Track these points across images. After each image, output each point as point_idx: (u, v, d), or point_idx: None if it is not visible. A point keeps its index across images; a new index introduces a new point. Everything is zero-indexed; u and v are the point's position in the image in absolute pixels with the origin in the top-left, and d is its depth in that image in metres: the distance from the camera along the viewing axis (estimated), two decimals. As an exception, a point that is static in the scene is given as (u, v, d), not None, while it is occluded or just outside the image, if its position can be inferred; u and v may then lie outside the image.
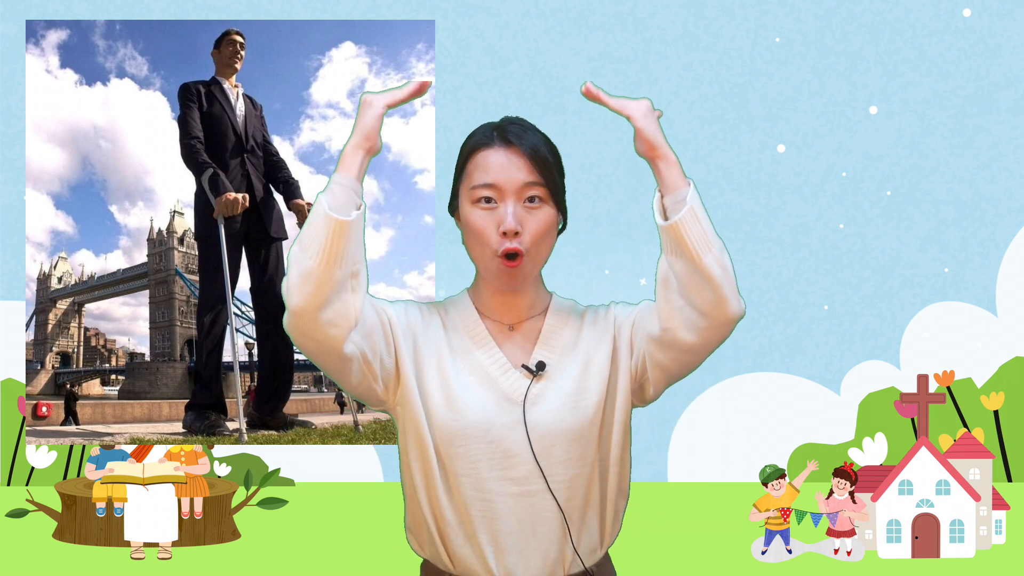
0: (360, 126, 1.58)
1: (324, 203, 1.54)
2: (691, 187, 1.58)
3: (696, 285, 1.58)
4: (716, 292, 1.57)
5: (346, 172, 1.57)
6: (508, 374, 1.68)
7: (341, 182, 1.56)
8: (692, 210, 1.56)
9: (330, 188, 1.56)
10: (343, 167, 1.57)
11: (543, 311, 1.74)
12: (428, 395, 1.66)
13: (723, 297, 1.57)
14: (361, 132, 1.58)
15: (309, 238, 1.53)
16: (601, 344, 1.71)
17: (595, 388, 1.69)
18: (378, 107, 1.59)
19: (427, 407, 1.66)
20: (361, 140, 1.58)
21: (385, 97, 1.60)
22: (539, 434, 1.65)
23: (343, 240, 1.53)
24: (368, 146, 1.59)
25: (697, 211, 1.57)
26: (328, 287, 1.53)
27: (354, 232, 1.54)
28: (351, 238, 1.54)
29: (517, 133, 1.66)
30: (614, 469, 1.71)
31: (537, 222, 1.65)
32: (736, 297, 1.59)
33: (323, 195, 1.55)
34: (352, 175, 1.57)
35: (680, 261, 1.58)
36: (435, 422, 1.66)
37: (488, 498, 1.65)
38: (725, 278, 1.57)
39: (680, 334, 1.61)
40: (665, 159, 1.59)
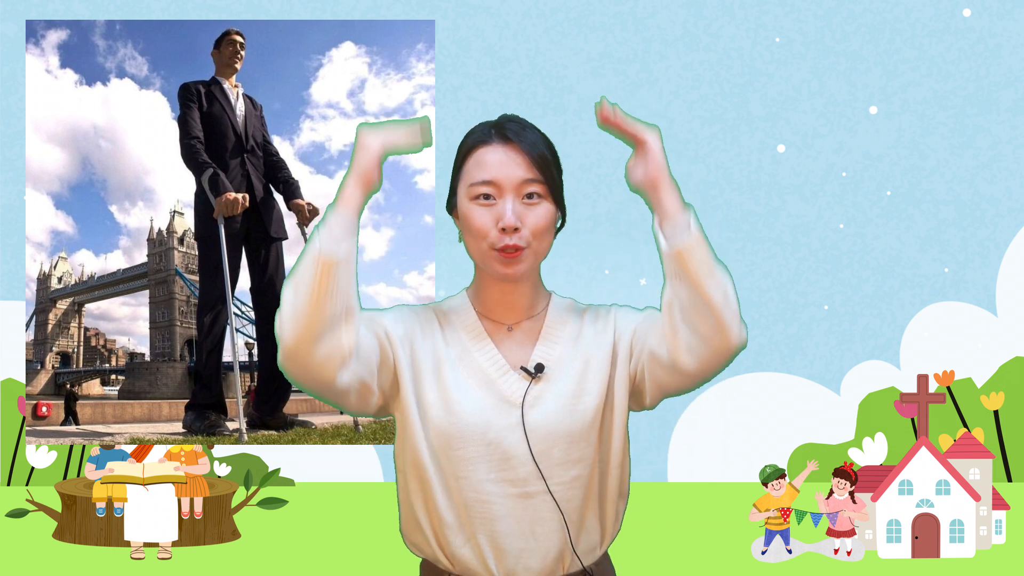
0: (356, 164, 1.56)
1: (316, 242, 1.52)
2: (693, 213, 1.59)
3: (699, 311, 1.58)
4: (717, 319, 1.57)
5: (343, 208, 1.54)
6: (506, 376, 1.67)
7: (337, 219, 1.53)
8: (697, 237, 1.57)
9: (326, 223, 1.53)
10: (340, 202, 1.55)
11: (542, 310, 1.74)
12: (426, 400, 1.66)
13: (724, 324, 1.58)
14: (358, 171, 1.56)
15: (300, 276, 1.52)
16: (601, 346, 1.71)
17: (594, 390, 1.68)
18: (374, 151, 1.56)
19: (425, 411, 1.66)
20: (358, 178, 1.56)
21: (381, 137, 1.57)
22: (538, 436, 1.64)
23: (333, 278, 1.52)
24: (366, 183, 1.56)
25: (701, 237, 1.57)
26: (319, 324, 1.52)
27: (344, 271, 1.53)
28: (342, 276, 1.53)
29: (515, 130, 1.66)
30: (614, 472, 1.71)
31: (536, 217, 1.64)
32: (738, 325, 1.59)
33: (318, 230, 1.53)
34: (349, 210, 1.54)
35: (683, 286, 1.58)
36: (433, 425, 1.65)
37: (487, 500, 1.64)
38: (727, 305, 1.58)
39: (681, 357, 1.62)
40: (669, 186, 1.59)
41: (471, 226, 1.65)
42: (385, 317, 1.68)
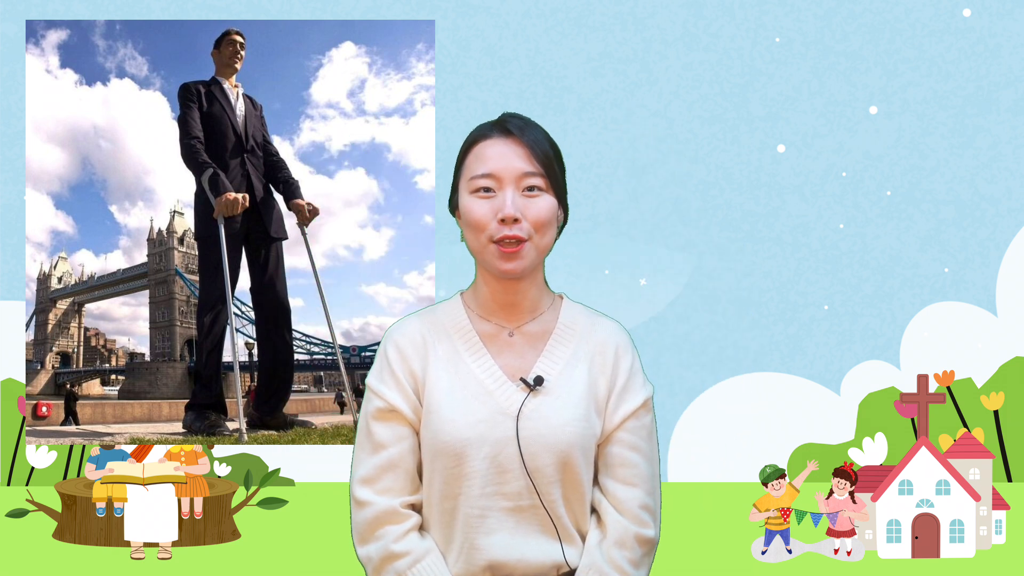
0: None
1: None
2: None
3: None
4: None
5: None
6: (504, 387, 1.65)
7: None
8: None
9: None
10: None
11: (549, 313, 1.71)
12: (427, 416, 1.66)
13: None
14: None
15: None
16: (603, 371, 1.69)
17: (593, 408, 1.67)
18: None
19: (425, 426, 1.66)
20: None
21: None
22: (532, 451, 1.62)
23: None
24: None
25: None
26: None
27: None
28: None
29: (518, 125, 1.64)
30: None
31: (538, 209, 1.61)
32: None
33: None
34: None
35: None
36: (427, 438, 1.65)
37: (482, 513, 1.63)
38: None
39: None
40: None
41: (470, 218, 1.62)
42: (393, 387, 1.69)
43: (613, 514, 1.66)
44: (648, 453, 1.70)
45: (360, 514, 1.67)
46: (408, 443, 1.66)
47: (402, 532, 1.65)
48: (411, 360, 1.66)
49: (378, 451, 1.67)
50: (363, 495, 1.67)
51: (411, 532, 1.65)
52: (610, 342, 1.71)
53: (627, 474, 1.67)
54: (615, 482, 1.67)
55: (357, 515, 1.68)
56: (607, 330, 1.72)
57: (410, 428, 1.66)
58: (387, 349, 1.69)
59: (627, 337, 1.73)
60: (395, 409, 1.66)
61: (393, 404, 1.66)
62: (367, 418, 1.69)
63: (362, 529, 1.69)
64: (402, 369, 1.66)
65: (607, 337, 1.71)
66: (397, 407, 1.66)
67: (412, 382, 1.66)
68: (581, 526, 1.68)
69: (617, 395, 1.68)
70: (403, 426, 1.66)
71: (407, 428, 1.66)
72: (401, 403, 1.66)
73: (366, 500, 1.67)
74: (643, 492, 1.68)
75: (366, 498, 1.67)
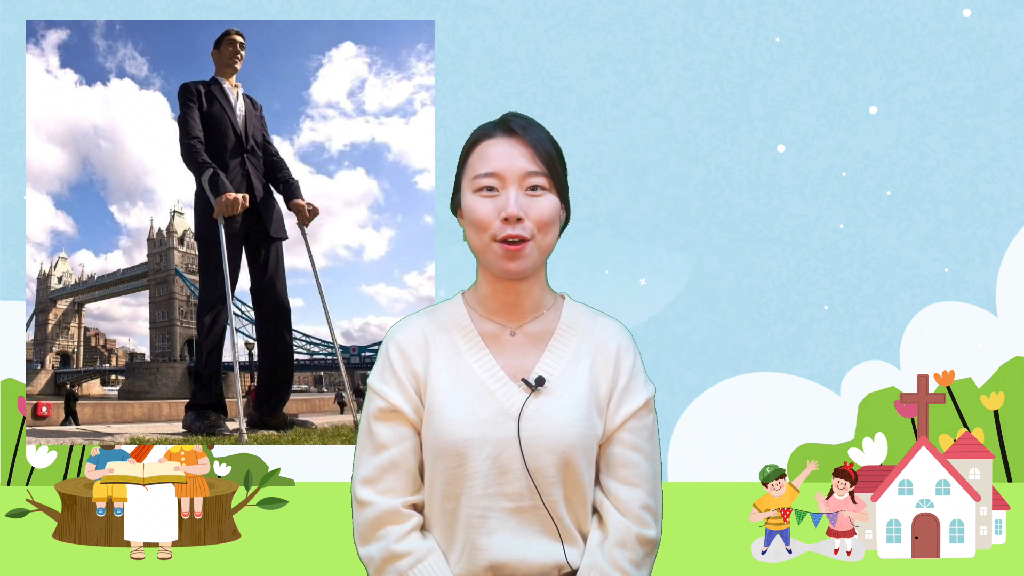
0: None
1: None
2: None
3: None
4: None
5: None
6: (505, 387, 1.65)
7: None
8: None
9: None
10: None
11: (551, 313, 1.70)
12: (428, 416, 1.66)
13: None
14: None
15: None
16: (605, 371, 1.69)
17: (595, 408, 1.67)
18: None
19: (427, 427, 1.66)
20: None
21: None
22: (534, 451, 1.62)
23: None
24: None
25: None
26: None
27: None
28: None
29: (520, 124, 1.64)
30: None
31: (540, 208, 1.61)
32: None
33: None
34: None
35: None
36: (429, 438, 1.65)
37: (483, 514, 1.63)
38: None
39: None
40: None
41: (473, 218, 1.62)
42: (395, 387, 1.69)
43: (615, 514, 1.66)
44: (650, 453, 1.70)
45: (362, 514, 1.67)
46: (410, 443, 1.66)
47: (404, 532, 1.65)
48: (413, 360, 1.66)
49: (380, 451, 1.67)
50: (365, 495, 1.67)
51: (413, 532, 1.65)
52: (612, 342, 1.70)
53: (629, 474, 1.67)
54: (617, 482, 1.67)
55: (359, 515, 1.68)
56: (609, 330, 1.72)
57: (412, 428, 1.66)
58: (389, 349, 1.69)
59: (629, 337, 1.73)
60: (397, 409, 1.66)
61: (395, 404, 1.66)
62: (369, 418, 1.69)
63: (364, 529, 1.68)
64: (404, 369, 1.66)
65: (609, 337, 1.71)
66: (399, 407, 1.66)
67: (414, 382, 1.66)
68: (583, 526, 1.67)
69: (619, 395, 1.68)
70: (405, 426, 1.66)
71: (409, 428, 1.66)
72: (403, 403, 1.66)
73: (368, 500, 1.67)
74: (645, 492, 1.68)
75: (368, 498, 1.67)
